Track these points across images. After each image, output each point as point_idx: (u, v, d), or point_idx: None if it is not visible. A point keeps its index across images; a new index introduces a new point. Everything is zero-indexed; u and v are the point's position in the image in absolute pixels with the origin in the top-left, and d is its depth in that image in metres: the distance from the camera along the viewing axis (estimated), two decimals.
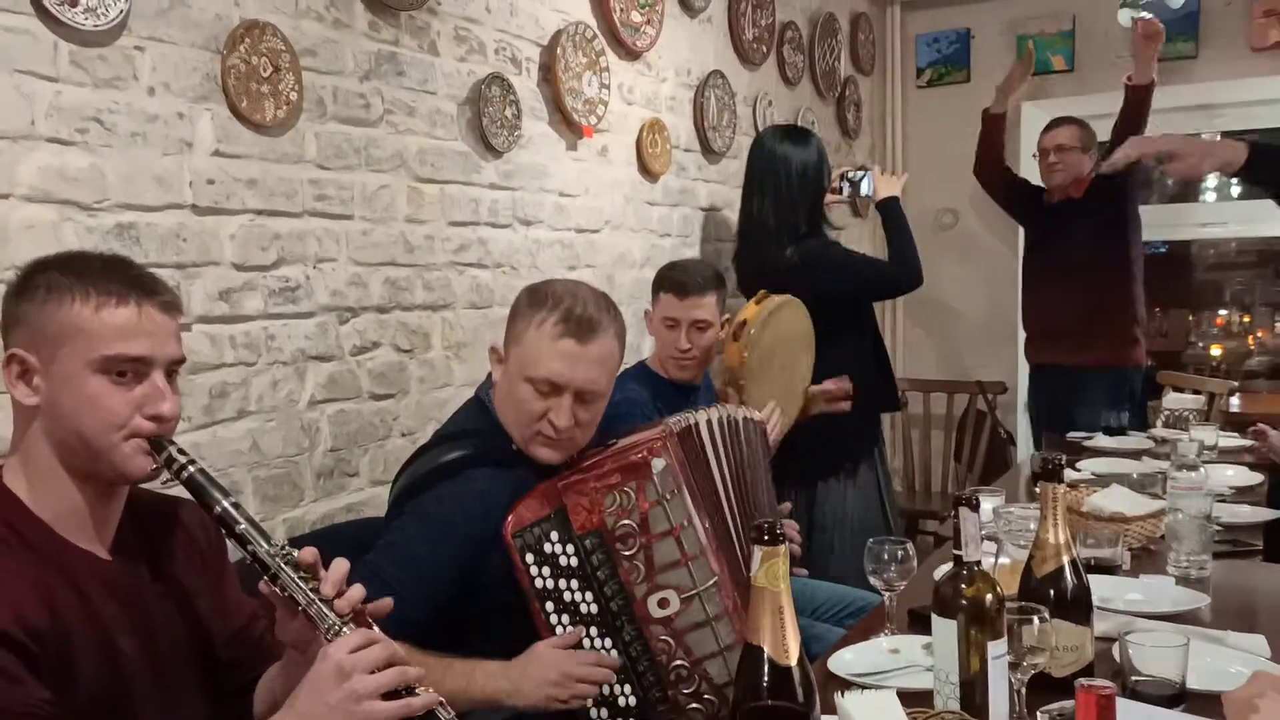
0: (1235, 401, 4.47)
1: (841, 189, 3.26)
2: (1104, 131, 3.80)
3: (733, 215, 3.59)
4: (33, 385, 1.18)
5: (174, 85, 1.75)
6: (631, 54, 2.97)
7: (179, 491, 1.25)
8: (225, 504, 1.21)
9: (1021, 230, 4.28)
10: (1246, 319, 5.54)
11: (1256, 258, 5.33)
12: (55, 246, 1.55)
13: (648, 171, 3.07)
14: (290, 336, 2.00)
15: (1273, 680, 1.30)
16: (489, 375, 1.75)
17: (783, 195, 3.04)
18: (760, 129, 3.66)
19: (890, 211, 3.13)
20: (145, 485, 1.25)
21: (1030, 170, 4.02)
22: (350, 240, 2.11)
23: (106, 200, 1.65)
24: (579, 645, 1.58)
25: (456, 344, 2.41)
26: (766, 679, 1.03)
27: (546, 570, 1.58)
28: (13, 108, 1.53)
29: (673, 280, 2.46)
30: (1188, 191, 4.67)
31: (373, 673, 1.12)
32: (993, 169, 3.94)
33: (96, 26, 1.61)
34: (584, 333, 1.61)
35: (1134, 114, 3.64)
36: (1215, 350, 5.50)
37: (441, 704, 1.18)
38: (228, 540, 1.22)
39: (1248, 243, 5.12)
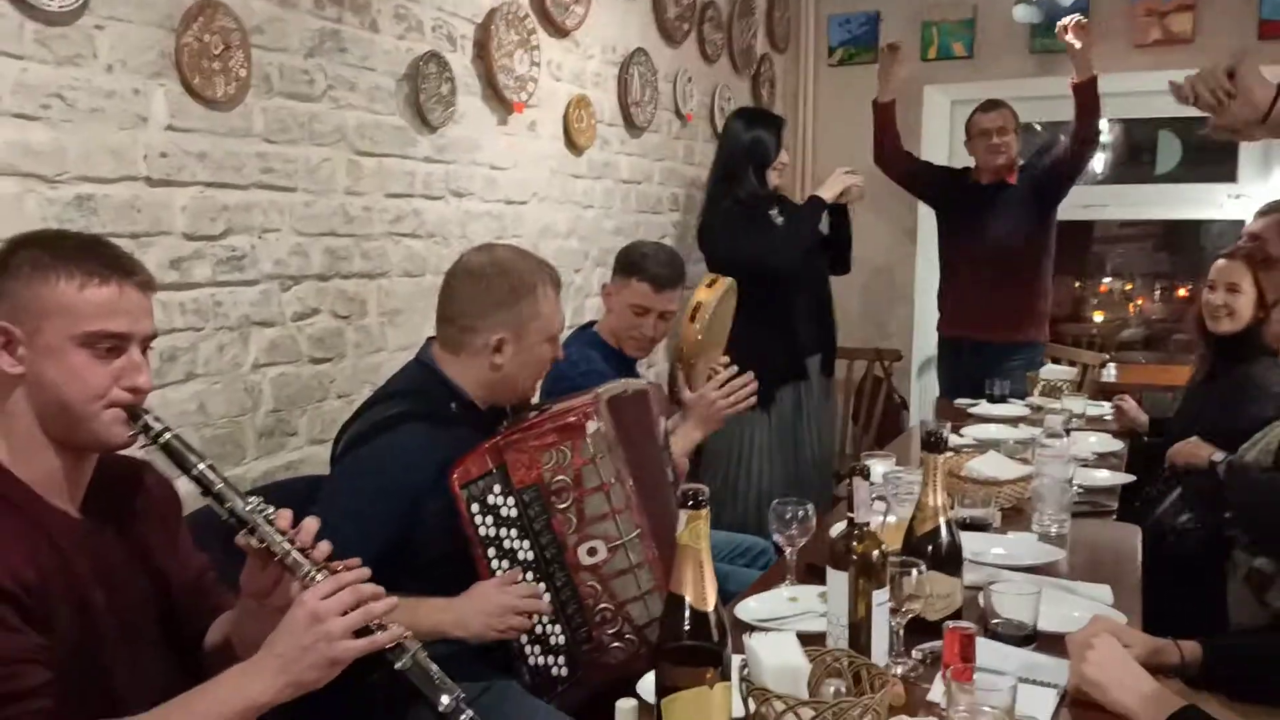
0: (1112, 370, 4.83)
1: None
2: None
3: (652, 188, 3.75)
4: (16, 355, 1.25)
5: (130, 63, 1.80)
6: (560, 32, 3.07)
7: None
8: (201, 466, 1.30)
9: (921, 206, 4.51)
10: (1129, 287, 5.94)
11: (1138, 230, 5.71)
12: (18, 218, 1.61)
13: (573, 145, 3.18)
14: (236, 303, 2.07)
15: (1107, 624, 1.54)
16: (427, 341, 1.89)
17: (718, 164, 3.53)
18: (680, 104, 3.83)
19: (808, 205, 3.44)
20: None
21: (958, 155, 4.19)
22: (293, 211, 2.19)
23: (66, 173, 1.71)
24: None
25: (391, 311, 2.51)
26: (688, 623, 1.19)
27: (490, 519, 1.73)
28: None
29: (650, 273, 2.56)
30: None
31: (343, 614, 1.24)
32: (893, 156, 4.00)
33: (61, 7, 1.66)
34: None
35: (1088, 111, 3.70)
36: (1097, 316, 5.90)
37: (406, 636, 1.31)
38: (206, 499, 1.31)
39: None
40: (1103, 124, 4.35)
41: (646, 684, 1.37)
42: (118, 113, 1.79)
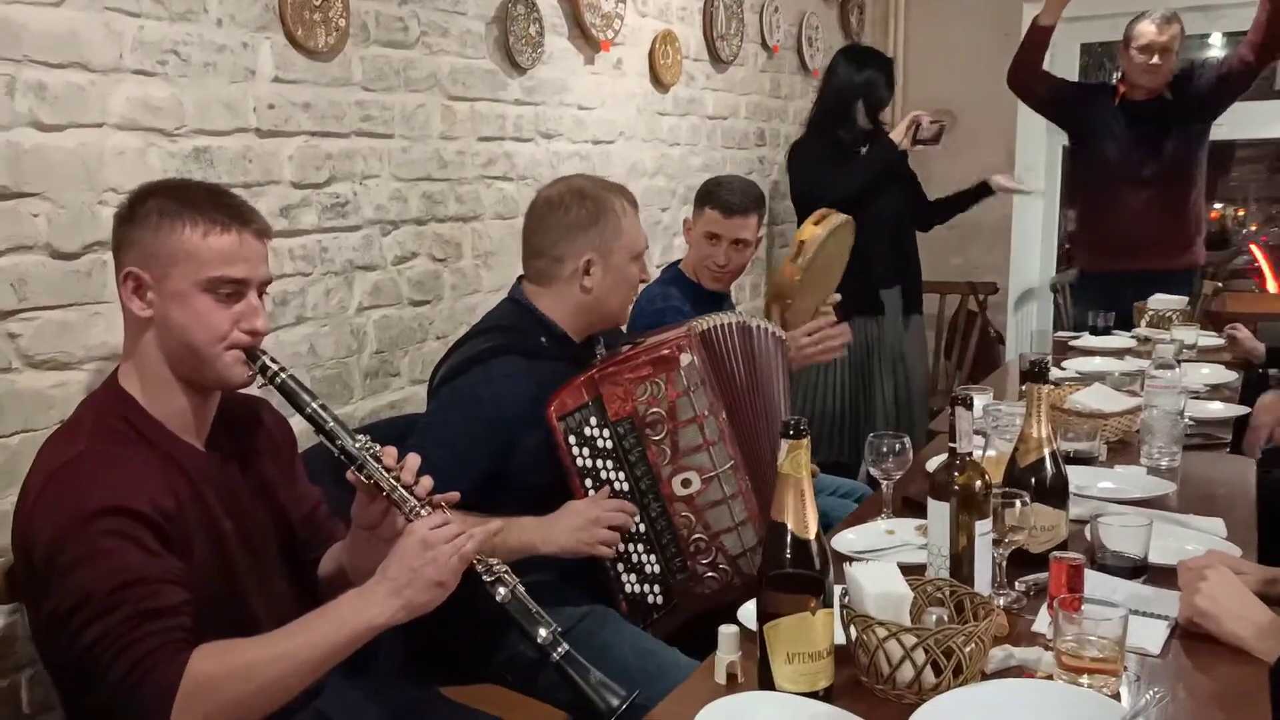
0: (1225, 298, 4.63)
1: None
2: None
3: (738, 123, 3.71)
4: (146, 300, 1.33)
5: (238, 17, 1.86)
6: None
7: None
8: (315, 406, 1.37)
9: (1020, 137, 4.34)
10: (1242, 213, 5.66)
11: (1253, 152, 5.40)
12: (143, 170, 1.69)
13: (659, 82, 3.17)
14: (340, 248, 2.14)
15: (1223, 557, 1.51)
16: (518, 279, 1.94)
17: (823, 101, 3.62)
18: (766, 36, 3.76)
19: (879, 145, 3.47)
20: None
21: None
22: (391, 158, 2.24)
23: (184, 127, 1.78)
24: None
25: (485, 253, 2.56)
26: (789, 550, 1.21)
27: (586, 450, 1.77)
28: (104, 43, 1.64)
29: (720, 198, 2.60)
30: None
31: (449, 542, 1.31)
32: (1031, 79, 3.66)
33: None
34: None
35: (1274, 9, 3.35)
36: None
37: (506, 571, 1.39)
38: (319, 437, 1.38)
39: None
40: (1216, 38, 4.08)
41: (747, 611, 1.40)
42: (228, 66, 1.85)
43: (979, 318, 4.51)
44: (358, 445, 1.36)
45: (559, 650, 1.38)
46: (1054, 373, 2.86)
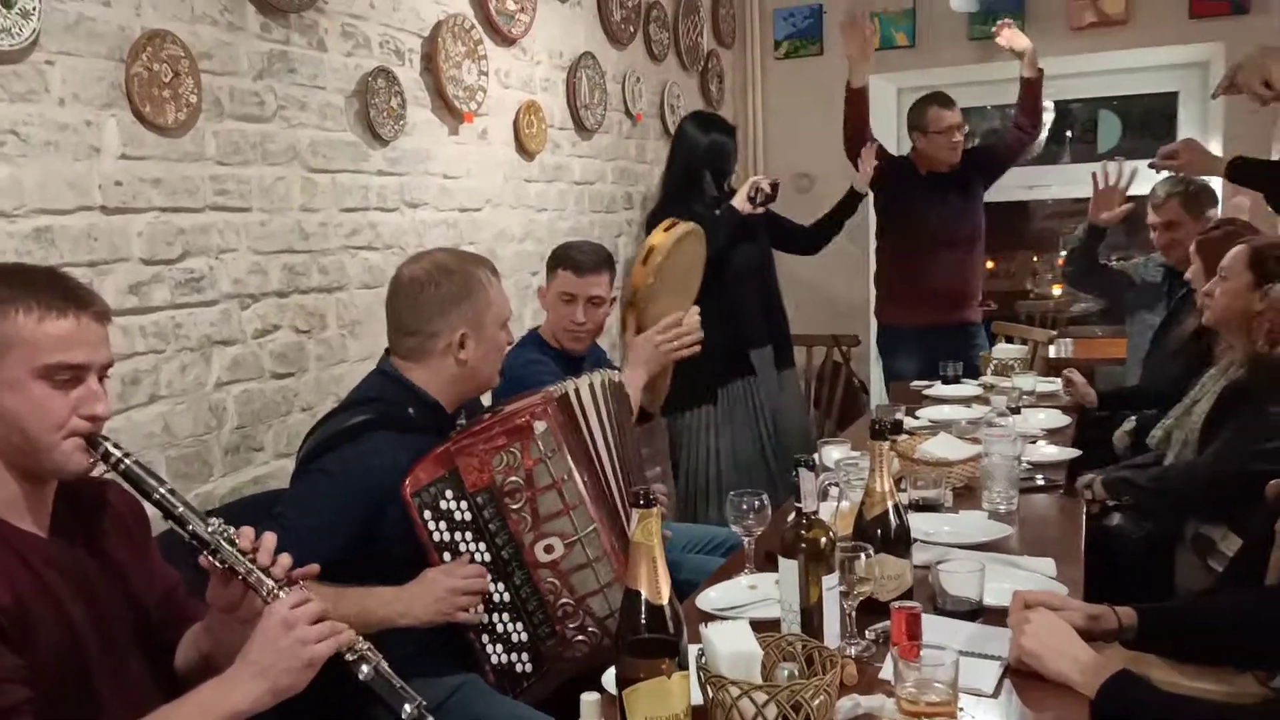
0: (1069, 344, 4.96)
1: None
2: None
3: (605, 188, 3.81)
4: None
5: (82, 95, 1.83)
6: (507, 40, 3.11)
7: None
8: (162, 491, 1.34)
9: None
10: (1060, 262, 6.07)
11: (1073, 205, 5.83)
12: None
13: (525, 151, 3.23)
14: (196, 324, 2.10)
15: (1050, 596, 1.62)
16: (386, 351, 1.93)
17: (676, 168, 3.75)
18: (629, 105, 3.89)
19: (724, 211, 3.60)
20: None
21: (906, 142, 4.28)
22: (249, 231, 2.22)
23: (23, 206, 1.74)
24: None
25: (351, 322, 2.55)
26: (644, 616, 1.24)
27: (443, 524, 1.77)
28: None
29: (571, 259, 2.64)
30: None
31: (312, 623, 1.30)
32: (861, 144, 3.96)
33: (12, 46, 1.68)
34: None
35: (1027, 107, 3.96)
36: (1056, 290, 6.02)
37: (368, 648, 1.37)
38: (168, 521, 1.35)
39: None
40: (1046, 104, 4.51)
41: (610, 676, 1.43)
42: (72, 145, 1.82)
43: (843, 368, 4.69)
44: (210, 529, 1.34)
45: None
46: (909, 422, 3.01)
